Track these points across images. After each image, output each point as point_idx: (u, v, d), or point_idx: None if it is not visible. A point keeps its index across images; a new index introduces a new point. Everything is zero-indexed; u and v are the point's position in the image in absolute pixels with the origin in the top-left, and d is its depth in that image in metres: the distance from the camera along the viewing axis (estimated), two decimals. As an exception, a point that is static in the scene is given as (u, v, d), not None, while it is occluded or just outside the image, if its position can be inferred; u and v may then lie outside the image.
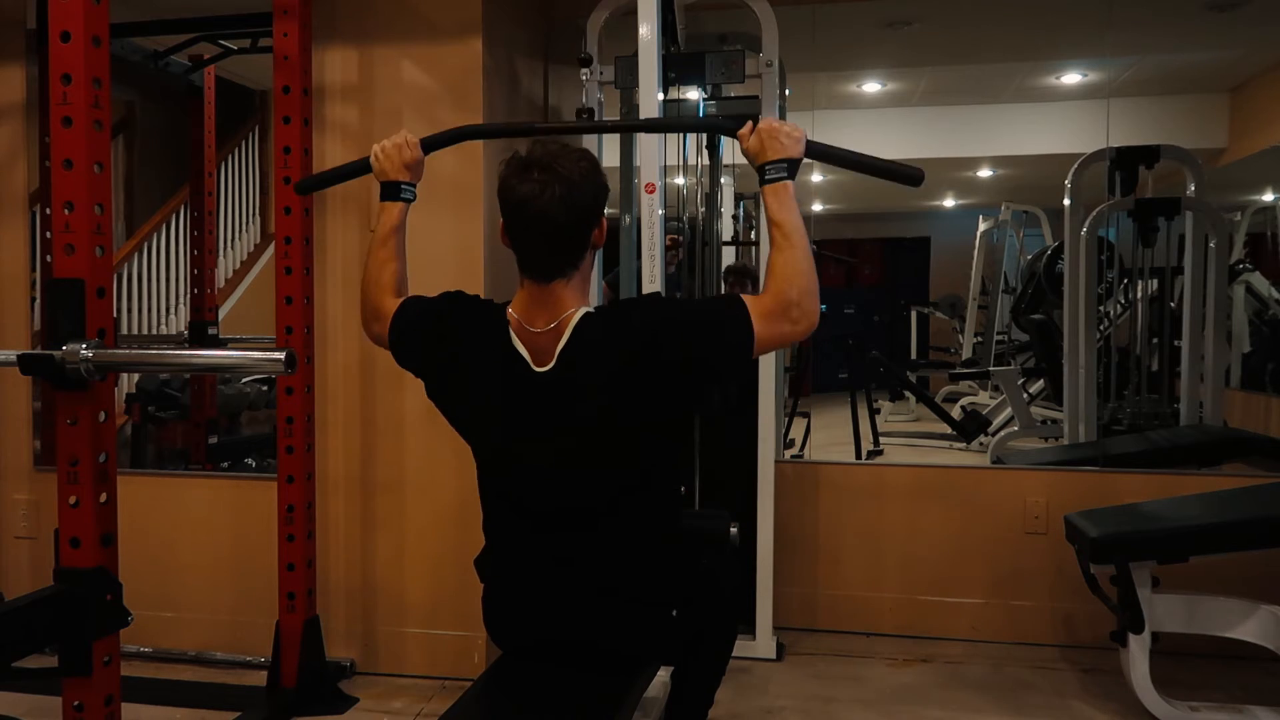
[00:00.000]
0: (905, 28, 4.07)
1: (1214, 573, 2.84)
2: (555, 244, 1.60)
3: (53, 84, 1.90)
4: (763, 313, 1.58)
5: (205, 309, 4.38)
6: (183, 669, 3.10)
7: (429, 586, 3.01)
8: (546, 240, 1.60)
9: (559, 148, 1.61)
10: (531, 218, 1.58)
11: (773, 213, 1.65)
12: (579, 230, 1.61)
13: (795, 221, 1.64)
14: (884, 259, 8.87)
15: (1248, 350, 5.01)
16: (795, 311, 1.58)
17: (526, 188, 1.57)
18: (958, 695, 2.90)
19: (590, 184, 1.61)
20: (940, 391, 6.63)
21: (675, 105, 3.35)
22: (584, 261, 1.65)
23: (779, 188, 1.66)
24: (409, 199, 1.88)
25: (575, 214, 1.59)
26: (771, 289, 1.60)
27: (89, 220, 1.91)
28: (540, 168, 1.57)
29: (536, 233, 1.59)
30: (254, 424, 4.80)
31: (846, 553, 3.45)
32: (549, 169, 1.57)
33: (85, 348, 1.90)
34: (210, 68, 4.29)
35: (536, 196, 1.56)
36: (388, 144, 1.86)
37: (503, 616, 1.74)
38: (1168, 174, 4.40)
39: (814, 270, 1.62)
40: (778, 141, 1.67)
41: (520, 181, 1.58)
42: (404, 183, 1.86)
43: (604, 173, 1.66)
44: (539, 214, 1.57)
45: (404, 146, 1.85)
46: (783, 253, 1.62)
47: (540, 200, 1.56)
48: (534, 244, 1.61)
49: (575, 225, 1.60)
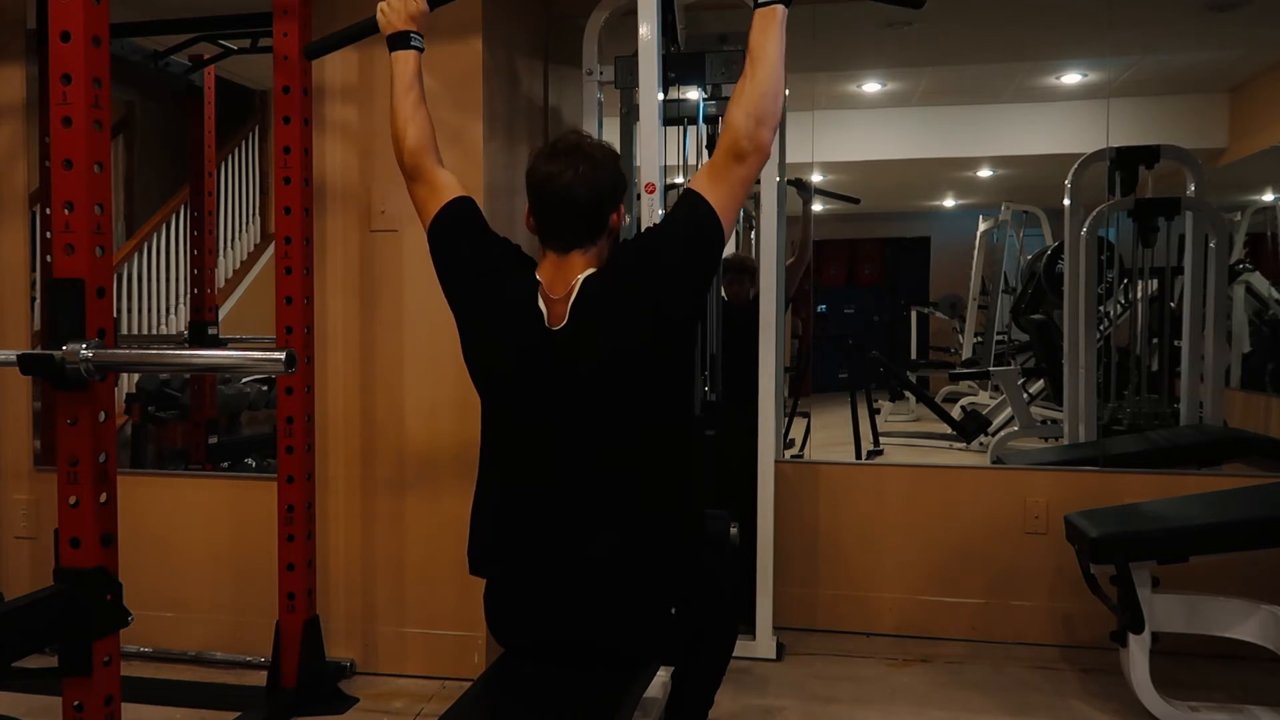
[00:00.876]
0: (905, 28, 4.07)
1: (1214, 573, 2.84)
2: (575, 216, 1.69)
3: (53, 84, 1.90)
4: (711, 176, 1.67)
5: (205, 309, 4.37)
6: (183, 669, 3.10)
7: (429, 586, 3.01)
8: (566, 211, 1.69)
9: (584, 136, 1.76)
10: (554, 190, 1.68)
11: (754, 38, 1.67)
12: (598, 208, 1.70)
13: (771, 49, 1.65)
14: (884, 259, 8.87)
15: (1248, 350, 5.01)
16: (744, 143, 1.63)
17: (552, 166, 1.69)
18: (957, 695, 2.90)
19: (610, 167, 1.71)
20: (940, 391, 6.63)
21: (675, 105, 3.36)
22: (601, 238, 1.73)
23: (769, 12, 1.67)
24: (419, 48, 1.93)
25: (595, 191, 1.68)
26: (723, 133, 1.66)
27: (89, 220, 1.91)
28: (566, 152, 1.69)
29: (558, 204, 1.69)
30: (254, 424, 4.80)
31: (846, 553, 3.45)
32: (573, 151, 1.68)
33: (85, 348, 1.90)
34: (210, 68, 4.29)
35: (561, 173, 1.68)
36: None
37: (504, 612, 1.74)
38: (1168, 174, 4.40)
39: (776, 103, 1.64)
40: None
41: (546, 163, 1.70)
42: (412, 32, 1.92)
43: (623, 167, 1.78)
44: (563, 187, 1.68)
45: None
46: (745, 81, 1.65)
47: (564, 176, 1.67)
48: (555, 215, 1.70)
49: (594, 202, 1.69)
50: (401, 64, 1.90)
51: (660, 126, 2.79)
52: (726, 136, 1.65)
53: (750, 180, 1.68)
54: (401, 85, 1.89)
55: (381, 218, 2.98)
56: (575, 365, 1.64)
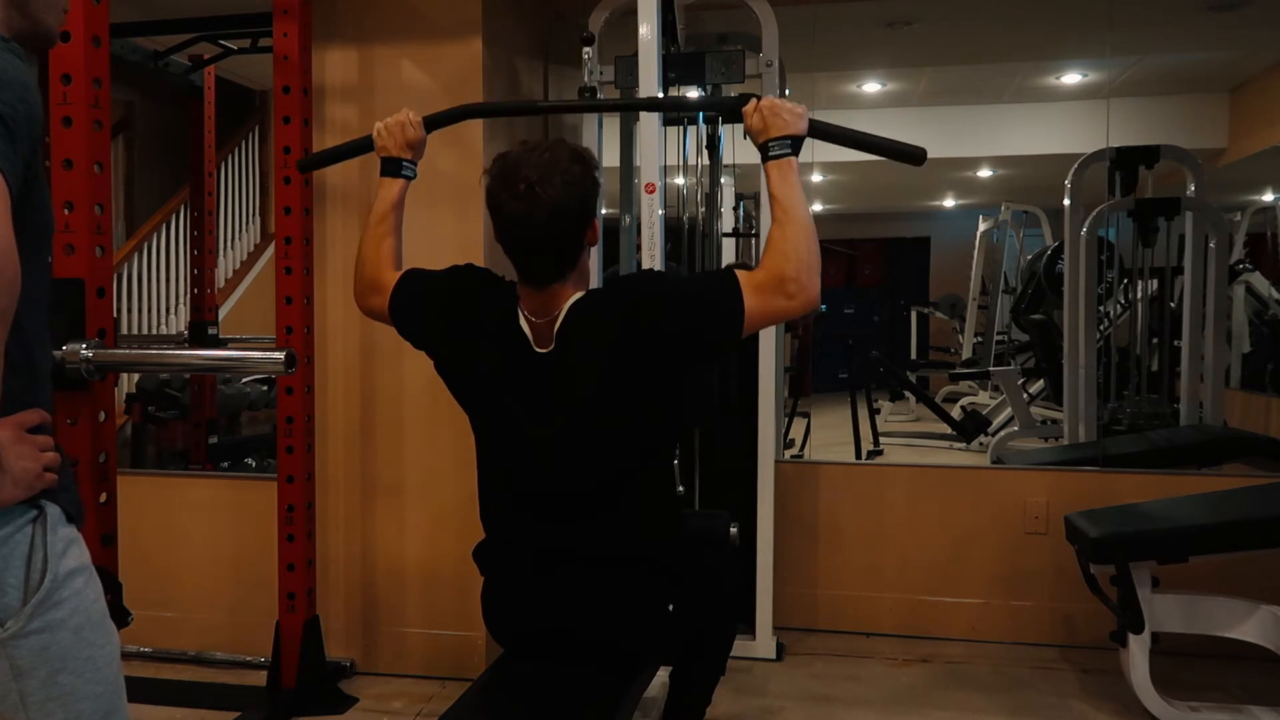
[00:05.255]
0: (905, 28, 4.07)
1: (1214, 573, 2.84)
2: (549, 258, 1.61)
3: (53, 84, 1.90)
4: (755, 286, 1.58)
5: (205, 309, 4.37)
6: (183, 669, 3.10)
7: (429, 587, 3.01)
8: (540, 256, 1.61)
9: (547, 154, 1.58)
10: (523, 237, 1.59)
11: (774, 188, 1.65)
12: (571, 241, 1.62)
13: (796, 197, 1.63)
14: (884, 259, 8.88)
15: (1248, 350, 5.02)
16: (791, 286, 1.57)
17: (516, 206, 1.55)
18: (958, 695, 2.90)
19: (578, 193, 1.58)
20: (940, 391, 6.64)
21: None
22: (580, 262, 1.66)
23: (783, 164, 1.66)
24: (409, 177, 1.88)
25: (565, 226, 1.59)
26: (766, 264, 1.60)
27: (89, 220, 1.91)
28: (526, 181, 1.55)
29: (529, 250, 1.61)
30: (254, 424, 4.81)
31: (846, 553, 3.45)
32: (535, 188, 1.55)
33: (85, 348, 1.90)
34: (210, 68, 4.29)
35: (527, 217, 1.56)
36: (390, 121, 1.86)
37: (501, 610, 1.75)
38: (1168, 174, 4.40)
39: (815, 247, 1.61)
40: (780, 118, 1.67)
41: (509, 197, 1.56)
42: (405, 160, 1.86)
43: (596, 167, 1.65)
44: (531, 235, 1.58)
45: (406, 125, 1.85)
46: (782, 228, 1.61)
47: (531, 221, 1.56)
48: (528, 260, 1.62)
49: (567, 236, 1.60)
50: (386, 190, 1.85)
51: (660, 126, 2.79)
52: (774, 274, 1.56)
53: (787, 317, 1.64)
54: (378, 212, 1.83)
55: (381, 218, 2.97)
56: (565, 391, 1.61)
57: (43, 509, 1.09)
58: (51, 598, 1.07)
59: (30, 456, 1.07)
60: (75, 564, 1.11)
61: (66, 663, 1.09)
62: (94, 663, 1.12)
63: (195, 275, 4.40)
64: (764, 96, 1.71)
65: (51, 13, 1.20)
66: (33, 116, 1.05)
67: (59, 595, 1.08)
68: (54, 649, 1.08)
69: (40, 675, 1.07)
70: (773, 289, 1.57)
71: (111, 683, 1.15)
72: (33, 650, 1.07)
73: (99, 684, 1.12)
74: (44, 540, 1.08)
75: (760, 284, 1.58)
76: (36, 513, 1.08)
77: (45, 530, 1.08)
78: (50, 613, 1.07)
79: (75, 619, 1.10)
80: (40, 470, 1.08)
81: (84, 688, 1.11)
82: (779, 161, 1.66)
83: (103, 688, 1.13)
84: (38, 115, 1.06)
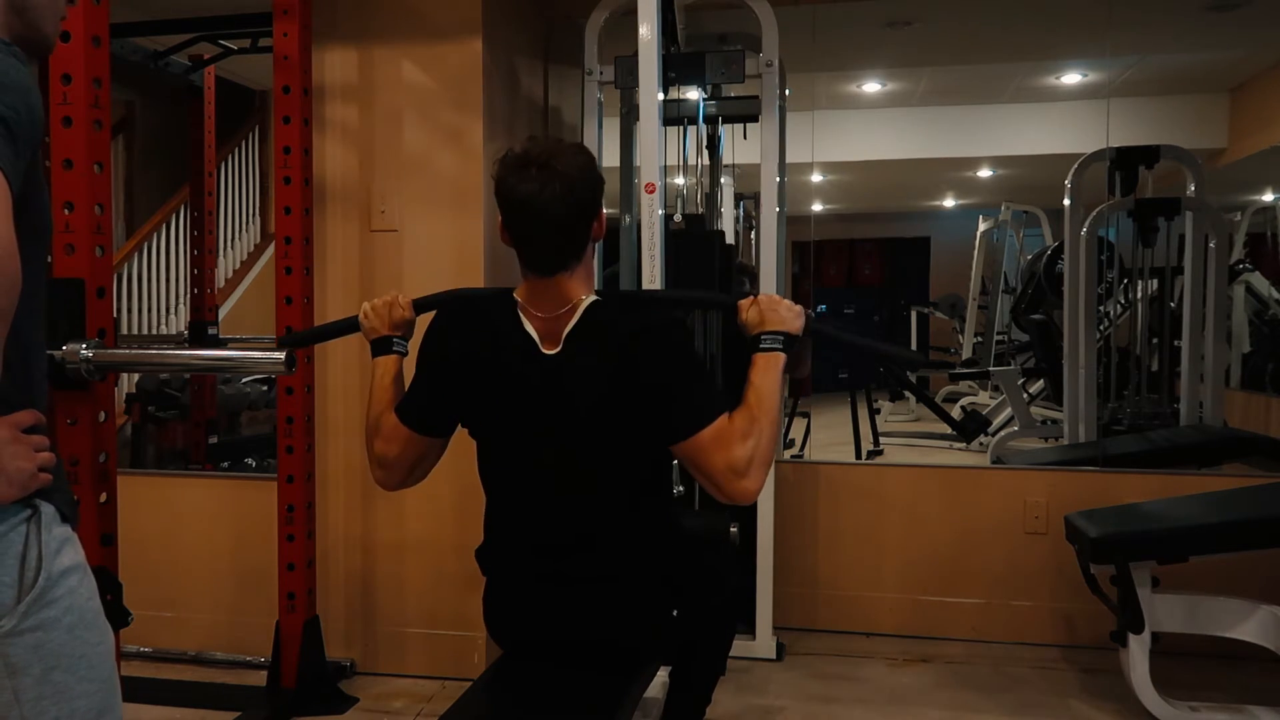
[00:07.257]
0: (905, 28, 4.07)
1: (1214, 573, 2.84)
2: (558, 241, 1.60)
3: (53, 84, 1.90)
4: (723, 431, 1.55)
5: (205, 309, 4.37)
6: (183, 669, 3.10)
7: (429, 587, 3.01)
8: (549, 238, 1.60)
9: (555, 143, 1.61)
10: (533, 216, 1.58)
11: (757, 378, 1.62)
12: (580, 225, 1.61)
13: (774, 395, 1.62)
14: (884, 259, 8.89)
15: (1248, 350, 5.01)
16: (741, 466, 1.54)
17: (526, 187, 1.56)
18: (958, 695, 2.90)
19: (588, 178, 1.60)
20: (940, 391, 6.64)
21: (675, 105, 3.35)
22: (585, 253, 1.66)
23: (771, 358, 1.64)
24: (401, 353, 1.83)
25: (576, 210, 1.59)
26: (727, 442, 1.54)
27: (89, 220, 1.91)
28: (538, 165, 1.56)
29: (538, 231, 1.59)
30: (254, 424, 4.80)
31: (846, 553, 3.45)
32: (547, 166, 1.56)
33: (85, 348, 1.90)
34: (210, 68, 4.29)
35: (537, 195, 1.55)
36: (377, 303, 1.82)
37: (502, 614, 1.75)
38: (1168, 174, 4.40)
39: (773, 448, 1.60)
40: (777, 314, 1.66)
41: (519, 180, 1.57)
42: (395, 337, 1.82)
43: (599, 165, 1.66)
44: (540, 212, 1.57)
45: (394, 305, 1.81)
46: (757, 421, 1.57)
47: (541, 199, 1.56)
48: (536, 242, 1.61)
49: (576, 221, 1.60)
50: (383, 369, 1.80)
51: (660, 126, 2.79)
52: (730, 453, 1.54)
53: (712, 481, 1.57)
54: (381, 385, 1.79)
55: (381, 218, 2.98)
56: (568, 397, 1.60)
57: (37, 508, 1.10)
58: (45, 596, 1.08)
59: (25, 456, 1.08)
60: (69, 562, 1.12)
61: (60, 660, 1.10)
62: (88, 660, 1.12)
63: (195, 275, 4.40)
64: (762, 294, 1.70)
65: (50, 19, 1.21)
66: (34, 119, 1.05)
67: (53, 593, 1.09)
68: (48, 647, 1.09)
69: (34, 673, 1.08)
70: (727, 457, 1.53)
71: (105, 680, 1.16)
72: (27, 648, 1.07)
73: (93, 682, 1.13)
74: (38, 539, 1.09)
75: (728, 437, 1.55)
76: (31, 512, 1.09)
77: (40, 529, 1.09)
78: (44, 611, 1.08)
79: (69, 617, 1.10)
80: (35, 470, 1.08)
81: (78, 685, 1.11)
82: (768, 355, 1.65)
83: (97, 685, 1.14)
84: (38, 118, 1.07)
